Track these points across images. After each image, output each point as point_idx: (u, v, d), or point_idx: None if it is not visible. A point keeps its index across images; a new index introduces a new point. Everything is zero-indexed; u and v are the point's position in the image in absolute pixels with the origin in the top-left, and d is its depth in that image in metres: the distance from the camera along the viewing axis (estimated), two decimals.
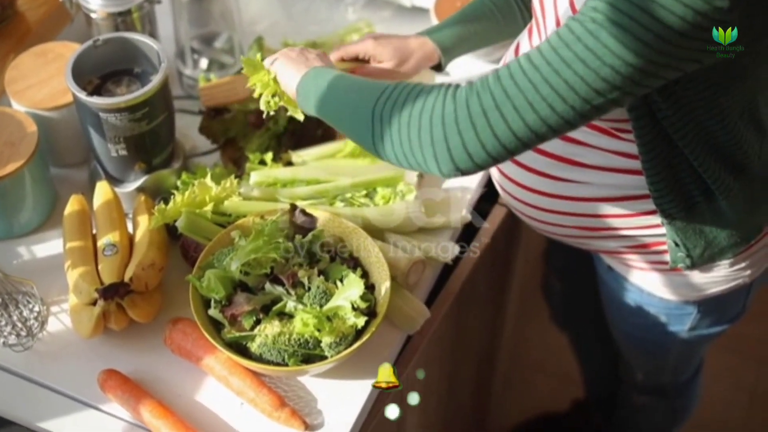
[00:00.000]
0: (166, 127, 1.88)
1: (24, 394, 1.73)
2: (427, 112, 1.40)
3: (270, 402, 1.66)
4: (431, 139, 1.40)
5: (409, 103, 1.42)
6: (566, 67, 1.32)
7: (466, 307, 2.10)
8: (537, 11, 1.60)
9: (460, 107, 1.38)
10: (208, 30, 2.20)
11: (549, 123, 1.35)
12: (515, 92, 1.35)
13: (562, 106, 1.34)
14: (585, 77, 1.32)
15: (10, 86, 1.96)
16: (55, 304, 1.83)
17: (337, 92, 1.55)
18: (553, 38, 1.35)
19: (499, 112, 1.36)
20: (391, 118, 1.44)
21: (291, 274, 1.67)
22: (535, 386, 3.09)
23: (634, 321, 1.99)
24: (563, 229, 1.81)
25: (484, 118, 1.36)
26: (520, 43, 1.72)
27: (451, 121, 1.38)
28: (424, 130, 1.40)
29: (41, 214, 1.96)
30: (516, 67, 1.36)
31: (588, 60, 1.31)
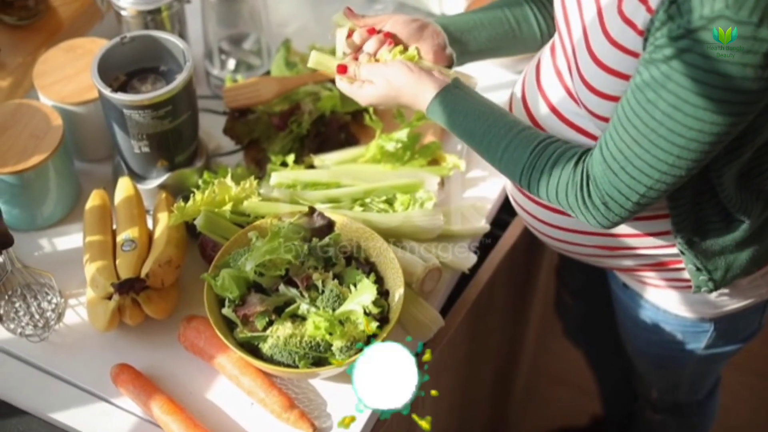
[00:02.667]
0: (190, 126, 1.90)
1: (38, 385, 1.75)
2: (562, 196, 1.57)
3: (279, 403, 1.67)
4: (572, 211, 1.58)
5: (546, 179, 1.58)
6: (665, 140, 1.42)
7: (483, 317, 2.10)
8: (560, 24, 1.60)
9: (588, 200, 1.54)
10: (236, 31, 2.21)
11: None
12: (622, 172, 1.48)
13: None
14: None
15: (38, 80, 1.98)
16: (73, 297, 1.85)
17: (479, 144, 1.64)
18: (640, 111, 1.41)
19: (619, 192, 1.50)
20: (538, 189, 1.59)
21: (305, 276, 1.67)
22: (555, 399, 3.08)
23: (649, 338, 1.98)
24: (578, 248, 1.80)
25: (609, 197, 1.52)
26: (541, 60, 1.72)
27: (585, 209, 1.56)
28: (564, 205, 1.58)
29: (64, 208, 1.98)
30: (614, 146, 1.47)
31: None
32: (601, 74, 1.48)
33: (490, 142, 1.60)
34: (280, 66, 2.12)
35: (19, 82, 2.08)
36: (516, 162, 1.59)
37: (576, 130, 1.62)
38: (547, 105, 1.66)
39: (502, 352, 2.54)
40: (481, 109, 1.63)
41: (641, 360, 2.14)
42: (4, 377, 1.75)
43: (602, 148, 1.49)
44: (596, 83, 1.50)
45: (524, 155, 1.58)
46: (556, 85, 1.64)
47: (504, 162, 1.60)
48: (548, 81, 1.67)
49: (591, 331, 2.55)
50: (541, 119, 1.67)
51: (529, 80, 1.73)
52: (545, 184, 1.57)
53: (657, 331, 1.94)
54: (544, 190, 1.58)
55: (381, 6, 2.37)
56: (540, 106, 1.68)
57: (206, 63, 2.20)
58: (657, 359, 2.08)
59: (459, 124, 1.63)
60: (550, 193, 1.57)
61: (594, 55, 1.48)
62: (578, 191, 1.53)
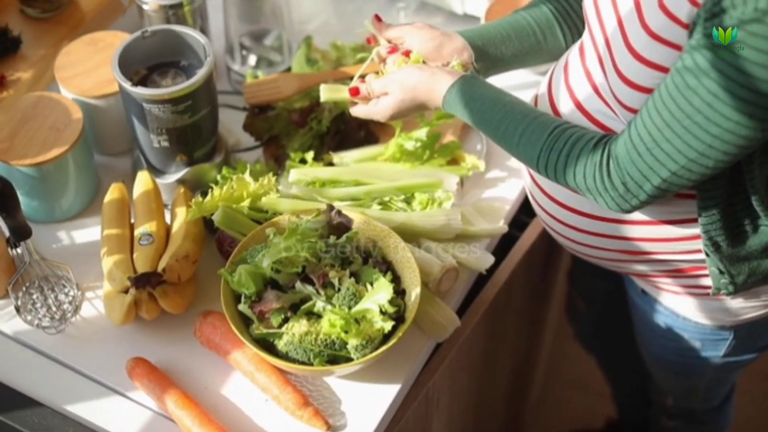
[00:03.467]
0: (209, 121, 1.90)
1: (53, 377, 1.75)
2: (580, 177, 1.55)
3: (294, 400, 1.67)
4: (590, 193, 1.57)
5: (564, 160, 1.57)
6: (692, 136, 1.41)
7: (500, 318, 2.09)
8: (592, 20, 1.58)
9: (608, 180, 1.53)
10: (258, 27, 2.21)
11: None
12: (647, 155, 1.47)
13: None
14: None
15: (59, 72, 1.99)
16: (90, 290, 1.86)
17: (498, 128, 1.63)
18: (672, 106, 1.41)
19: (641, 173, 1.49)
20: (555, 171, 1.58)
21: (322, 274, 1.67)
22: (571, 402, 3.07)
23: (667, 345, 1.97)
24: (598, 251, 1.79)
25: (633, 181, 1.50)
26: (569, 60, 1.71)
27: (603, 190, 1.54)
28: (582, 187, 1.57)
29: (83, 201, 1.98)
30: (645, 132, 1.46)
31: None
32: (640, 67, 1.46)
33: (507, 127, 1.60)
34: (301, 63, 2.12)
35: (40, 74, 2.08)
36: (533, 145, 1.58)
37: (603, 130, 1.61)
38: (575, 104, 1.65)
39: (519, 354, 2.53)
40: (498, 96, 1.63)
41: (658, 366, 2.13)
42: (21, 368, 1.76)
43: (630, 128, 1.48)
44: (634, 76, 1.48)
45: (542, 138, 1.57)
46: (585, 84, 1.63)
47: (521, 146, 1.59)
48: (576, 80, 1.65)
49: (604, 336, 2.54)
50: (567, 118, 1.66)
51: (556, 79, 1.72)
52: (563, 165, 1.56)
53: (675, 337, 1.93)
54: (561, 173, 1.57)
55: (403, 4, 2.36)
56: (567, 105, 1.67)
57: (227, 58, 2.20)
58: (674, 366, 2.07)
59: (476, 110, 1.63)
60: (568, 175, 1.56)
61: (632, 49, 1.46)
62: (597, 170, 1.52)
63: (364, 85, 1.73)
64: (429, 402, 1.88)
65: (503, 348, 2.31)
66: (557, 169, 1.57)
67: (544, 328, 2.67)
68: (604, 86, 1.58)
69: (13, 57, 2.11)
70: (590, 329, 2.59)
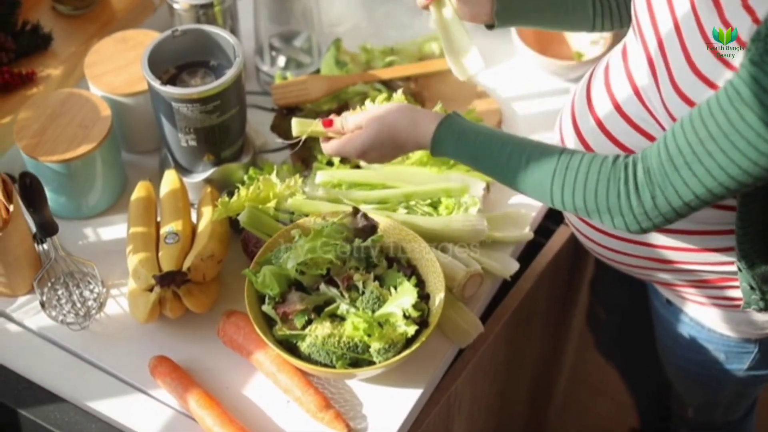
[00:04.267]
0: (237, 121, 1.90)
1: (76, 373, 1.75)
2: (602, 193, 1.48)
3: (315, 402, 1.67)
4: (608, 214, 1.49)
5: (583, 178, 1.49)
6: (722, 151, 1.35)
7: (524, 324, 2.09)
8: (644, 24, 1.55)
9: (634, 196, 1.46)
10: (288, 28, 2.21)
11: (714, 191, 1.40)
12: (675, 171, 1.40)
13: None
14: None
15: (89, 70, 2.00)
16: (115, 288, 1.86)
17: (498, 164, 1.56)
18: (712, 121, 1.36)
19: (663, 195, 1.43)
20: (574, 190, 1.50)
21: (346, 276, 1.67)
22: (593, 410, 3.06)
23: (690, 356, 1.96)
24: (626, 257, 1.78)
25: (662, 195, 1.43)
26: (609, 63, 1.69)
27: (627, 207, 1.47)
28: (602, 206, 1.49)
29: (110, 198, 1.99)
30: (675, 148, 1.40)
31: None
32: (701, 85, 1.42)
33: (511, 154, 1.53)
34: (330, 65, 2.12)
35: (70, 71, 2.09)
36: (544, 168, 1.51)
37: (641, 134, 1.59)
38: (614, 105, 1.63)
39: (541, 360, 2.52)
40: (493, 130, 1.58)
41: (679, 377, 2.12)
42: (44, 364, 1.76)
43: (667, 140, 1.41)
44: (692, 92, 1.44)
45: (553, 159, 1.51)
46: (626, 86, 1.61)
47: (530, 171, 1.52)
48: (617, 82, 1.64)
49: (625, 345, 2.52)
50: (605, 120, 1.65)
51: (596, 81, 1.71)
52: (582, 184, 1.48)
53: (699, 349, 1.92)
54: (580, 192, 1.49)
55: None
56: (605, 107, 1.65)
57: (256, 59, 2.20)
58: (696, 377, 2.05)
59: (473, 143, 1.57)
60: (588, 194, 1.49)
61: (693, 65, 1.43)
62: (622, 186, 1.45)
63: (339, 118, 1.67)
64: (450, 407, 1.87)
65: (526, 354, 2.31)
66: (575, 189, 1.49)
67: (568, 335, 2.66)
68: (647, 90, 1.55)
69: (43, 54, 2.12)
70: (611, 338, 2.57)
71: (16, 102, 2.01)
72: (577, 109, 1.74)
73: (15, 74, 2.03)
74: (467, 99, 2.14)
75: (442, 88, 2.16)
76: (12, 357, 1.77)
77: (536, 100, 2.20)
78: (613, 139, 1.64)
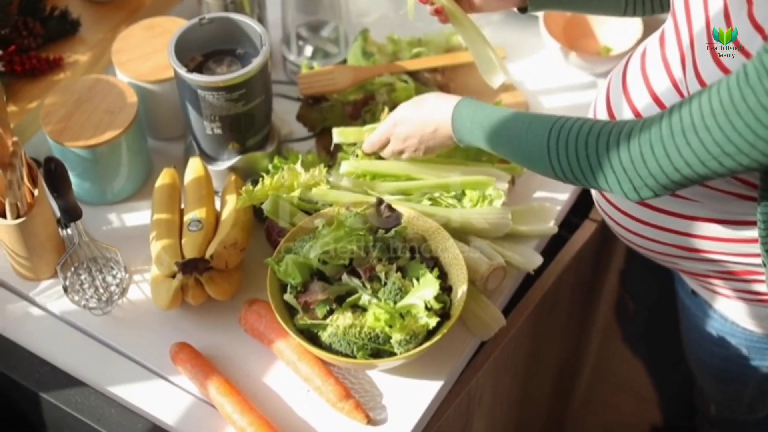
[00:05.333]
0: (263, 110, 1.90)
1: (98, 357, 1.76)
2: (603, 153, 1.47)
3: (335, 392, 1.67)
4: (613, 175, 1.47)
5: (582, 143, 1.49)
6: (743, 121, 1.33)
7: (546, 318, 2.08)
8: (679, 15, 1.54)
9: (632, 148, 1.44)
10: (315, 18, 2.20)
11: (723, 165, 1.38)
12: (680, 131, 1.38)
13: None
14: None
15: (116, 56, 2.00)
16: (138, 273, 1.87)
17: (504, 128, 1.61)
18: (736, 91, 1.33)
19: (665, 150, 1.40)
20: (568, 159, 1.51)
21: (369, 267, 1.67)
22: (616, 406, 3.05)
23: (713, 349, 1.95)
24: (654, 244, 1.77)
25: (652, 155, 1.42)
26: (647, 49, 1.68)
27: (618, 164, 1.46)
28: (603, 172, 1.48)
29: (134, 184, 1.99)
30: (687, 111, 1.38)
31: None
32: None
33: (517, 117, 1.60)
34: (357, 55, 2.12)
35: (98, 57, 2.10)
36: (543, 124, 1.54)
37: None
38: (651, 95, 1.62)
39: (564, 355, 2.52)
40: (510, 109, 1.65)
41: (702, 372, 2.11)
42: (66, 348, 1.77)
43: (672, 108, 1.40)
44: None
45: (552, 118, 1.54)
46: (663, 75, 1.60)
47: (530, 129, 1.55)
48: (654, 71, 1.63)
49: (652, 339, 2.52)
50: (642, 109, 1.64)
51: (632, 68, 1.70)
52: (575, 137, 1.49)
53: (722, 343, 1.91)
54: (573, 145, 1.50)
55: None
56: (642, 96, 1.64)
57: (283, 48, 2.20)
58: (719, 372, 2.04)
59: (487, 109, 1.64)
60: (579, 147, 1.48)
61: (718, 60, 1.42)
62: (621, 140, 1.44)
63: (367, 143, 1.82)
64: (471, 400, 1.87)
65: (548, 349, 2.30)
66: (568, 143, 1.50)
67: (591, 331, 2.65)
68: (683, 82, 1.54)
69: (71, 39, 2.12)
70: (638, 331, 2.57)
71: (43, 87, 2.02)
72: (613, 99, 1.73)
73: (42, 59, 2.04)
74: (494, 91, 2.13)
75: (469, 80, 2.15)
76: (34, 341, 1.78)
77: (563, 94, 2.19)
78: None
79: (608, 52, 2.23)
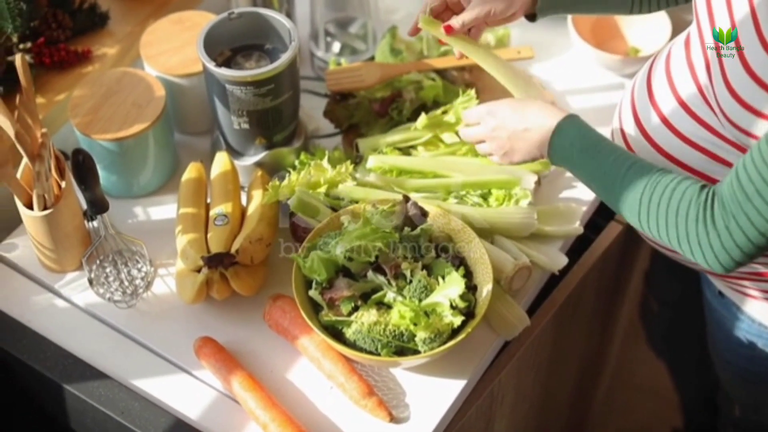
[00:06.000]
0: (290, 105, 1.90)
1: (122, 350, 1.77)
2: (681, 224, 1.47)
3: (359, 389, 1.67)
4: (695, 246, 1.47)
5: (674, 210, 1.47)
6: None
7: (570, 319, 2.08)
8: (702, 18, 1.53)
9: (711, 224, 1.44)
10: (344, 14, 2.20)
11: None
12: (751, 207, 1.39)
13: None
14: None
15: (144, 50, 2.00)
16: (163, 267, 1.87)
17: (603, 165, 1.57)
18: None
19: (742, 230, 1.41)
20: (657, 220, 1.50)
21: (394, 265, 1.66)
22: (636, 408, 3.03)
23: (739, 350, 1.94)
24: None
25: (730, 237, 1.42)
26: (672, 52, 1.67)
27: (704, 235, 1.45)
28: (689, 242, 1.47)
29: (161, 178, 1.99)
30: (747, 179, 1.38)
31: None
32: (755, 87, 1.40)
33: (616, 159, 1.55)
34: (385, 52, 2.11)
35: (126, 50, 2.10)
36: (639, 180, 1.51)
37: (703, 126, 1.57)
38: (676, 98, 1.61)
39: (586, 356, 2.51)
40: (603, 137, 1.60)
41: (728, 373, 2.09)
42: (90, 341, 1.78)
43: (738, 169, 1.40)
44: (747, 95, 1.42)
45: (647, 174, 1.51)
46: (688, 79, 1.59)
47: (626, 179, 1.52)
48: (679, 74, 1.62)
49: (676, 341, 2.50)
50: (668, 114, 1.63)
51: (657, 71, 1.69)
52: (666, 202, 1.48)
53: (748, 344, 1.89)
54: (664, 211, 1.48)
55: None
56: (668, 99, 1.63)
57: (311, 44, 2.20)
58: (745, 374, 2.03)
59: (598, 144, 1.58)
60: (670, 214, 1.48)
61: (748, 66, 1.40)
62: (700, 212, 1.44)
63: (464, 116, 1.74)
64: (493, 399, 1.86)
65: (571, 349, 2.29)
66: (660, 207, 1.49)
67: (614, 332, 2.64)
68: (708, 88, 1.53)
69: (100, 32, 2.13)
70: (662, 333, 2.55)
71: (71, 79, 2.02)
72: (638, 102, 1.72)
73: (71, 52, 2.04)
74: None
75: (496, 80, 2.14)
76: (59, 333, 1.79)
77: (591, 95, 2.18)
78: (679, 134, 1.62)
79: (637, 53, 2.22)
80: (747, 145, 1.43)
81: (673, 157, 1.64)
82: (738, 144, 1.53)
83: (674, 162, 1.64)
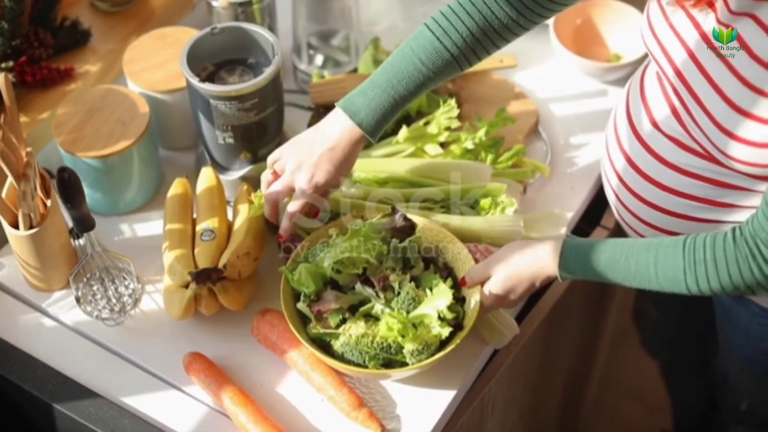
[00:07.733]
0: (275, 119, 1.90)
1: (111, 368, 1.76)
2: (737, 280, 1.48)
3: (349, 401, 1.67)
4: (749, 289, 1.49)
5: (720, 271, 1.48)
6: None
7: (558, 325, 2.08)
8: (660, 59, 1.57)
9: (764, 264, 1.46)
10: (326, 27, 2.21)
11: None
12: None
13: None
14: None
15: (127, 66, 2.00)
16: (150, 284, 1.87)
17: (633, 276, 1.56)
18: None
19: None
20: (710, 286, 1.50)
21: (382, 277, 1.67)
22: (624, 413, 3.04)
23: (754, 344, 1.93)
24: None
25: None
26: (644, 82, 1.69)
27: (764, 279, 1.47)
28: (741, 286, 1.49)
29: (146, 194, 1.99)
30: None
31: None
32: (739, 118, 1.45)
33: (638, 261, 1.54)
34: (368, 64, 2.12)
35: (109, 67, 2.10)
36: (673, 264, 1.52)
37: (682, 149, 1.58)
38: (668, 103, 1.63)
39: (574, 362, 2.51)
40: (610, 243, 1.58)
41: (740, 367, 2.08)
42: (79, 359, 1.77)
43: (762, 203, 1.43)
44: (728, 125, 1.46)
45: (678, 254, 1.51)
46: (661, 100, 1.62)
47: (660, 271, 1.52)
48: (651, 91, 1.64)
49: (671, 342, 2.50)
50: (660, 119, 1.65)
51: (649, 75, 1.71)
52: (715, 274, 1.49)
53: (764, 337, 1.89)
54: (716, 281, 1.49)
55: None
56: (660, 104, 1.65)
57: (294, 57, 2.20)
58: (756, 367, 2.01)
59: (597, 264, 1.57)
60: (724, 281, 1.48)
61: (731, 102, 1.45)
62: (752, 262, 1.46)
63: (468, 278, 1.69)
64: (484, 409, 1.86)
65: (560, 356, 2.30)
66: (710, 279, 1.49)
67: (602, 337, 2.65)
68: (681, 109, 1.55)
69: (82, 50, 2.13)
70: (660, 336, 2.55)
71: (54, 98, 2.02)
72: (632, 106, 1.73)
73: (53, 70, 2.04)
74: (504, 100, 2.13)
75: (480, 89, 2.15)
76: (47, 352, 1.78)
77: (573, 102, 2.19)
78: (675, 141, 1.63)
79: (618, 60, 2.23)
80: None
81: (668, 161, 1.65)
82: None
83: (667, 165, 1.65)
